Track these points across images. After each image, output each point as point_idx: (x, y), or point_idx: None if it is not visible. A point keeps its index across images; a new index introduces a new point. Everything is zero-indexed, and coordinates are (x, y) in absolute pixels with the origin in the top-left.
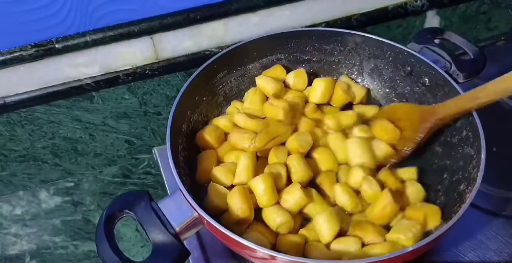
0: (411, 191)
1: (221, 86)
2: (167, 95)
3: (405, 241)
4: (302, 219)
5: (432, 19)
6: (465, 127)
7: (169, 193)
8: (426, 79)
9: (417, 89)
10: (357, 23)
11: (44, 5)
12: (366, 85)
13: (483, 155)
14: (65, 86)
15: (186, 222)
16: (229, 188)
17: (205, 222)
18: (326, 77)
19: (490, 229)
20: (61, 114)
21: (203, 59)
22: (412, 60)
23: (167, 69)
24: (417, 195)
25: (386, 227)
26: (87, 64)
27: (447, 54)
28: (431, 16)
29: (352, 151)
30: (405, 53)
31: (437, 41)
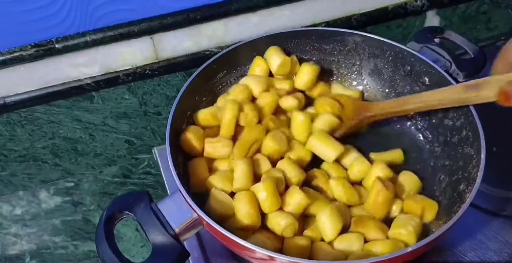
0: (404, 179)
1: (221, 86)
2: (167, 95)
3: (406, 235)
4: (303, 221)
5: (432, 19)
6: (465, 127)
7: (169, 193)
8: (426, 79)
9: (417, 88)
10: (357, 23)
11: (44, 5)
12: (366, 85)
13: (483, 155)
14: (65, 86)
15: (186, 223)
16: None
17: (204, 223)
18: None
19: (490, 229)
20: (61, 114)
21: (203, 59)
22: (412, 59)
23: (167, 69)
24: (412, 185)
25: (388, 224)
26: (87, 64)
27: (447, 53)
28: (431, 16)
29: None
30: (405, 53)
31: (437, 40)
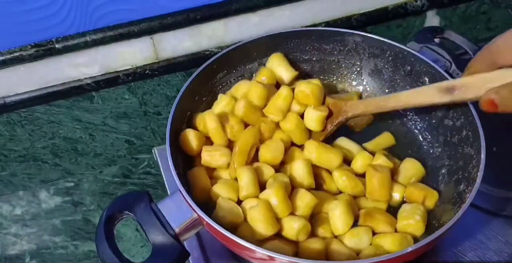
0: (407, 165)
1: (221, 86)
2: (167, 95)
3: (414, 224)
4: (311, 220)
5: (432, 19)
6: (465, 127)
7: (169, 193)
8: (426, 79)
9: None
10: (357, 23)
11: (44, 5)
12: (366, 85)
13: (483, 155)
14: (65, 86)
15: (186, 223)
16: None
17: (204, 223)
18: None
19: (490, 229)
20: (61, 114)
21: (203, 59)
22: (412, 59)
23: (167, 69)
24: (415, 172)
25: (394, 215)
26: (87, 64)
27: (447, 53)
28: (431, 16)
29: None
30: (405, 53)
31: (437, 40)
